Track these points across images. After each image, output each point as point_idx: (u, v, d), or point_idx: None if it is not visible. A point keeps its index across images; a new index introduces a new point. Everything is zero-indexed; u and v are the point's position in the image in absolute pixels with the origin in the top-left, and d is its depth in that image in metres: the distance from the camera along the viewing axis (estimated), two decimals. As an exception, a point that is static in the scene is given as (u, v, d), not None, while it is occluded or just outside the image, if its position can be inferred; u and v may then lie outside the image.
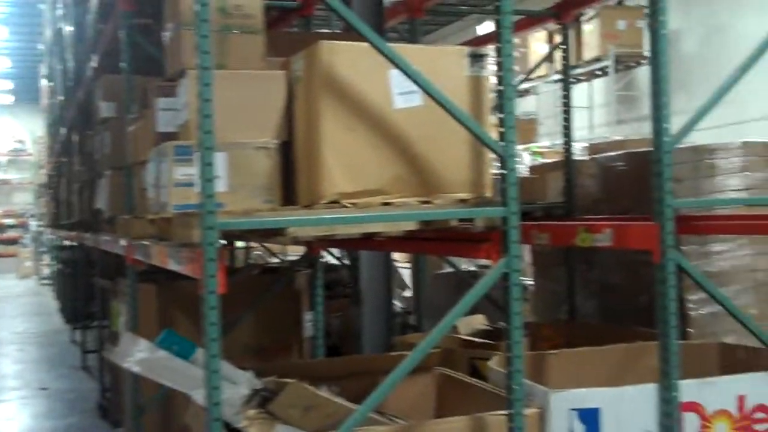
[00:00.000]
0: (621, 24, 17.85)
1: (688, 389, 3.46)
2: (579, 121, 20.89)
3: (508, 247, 3.27)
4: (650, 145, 3.57)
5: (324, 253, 7.75)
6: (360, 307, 5.58)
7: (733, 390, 3.55)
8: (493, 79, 3.44)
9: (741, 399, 3.53)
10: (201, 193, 3.00)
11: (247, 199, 3.43)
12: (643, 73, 19.10)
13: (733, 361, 4.22)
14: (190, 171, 3.42)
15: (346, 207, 3.27)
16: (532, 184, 6.63)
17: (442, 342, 4.67)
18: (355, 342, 5.85)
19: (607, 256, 5.76)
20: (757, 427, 3.54)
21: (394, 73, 3.31)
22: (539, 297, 6.82)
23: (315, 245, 5.01)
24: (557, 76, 19.54)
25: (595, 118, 19.85)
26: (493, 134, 3.42)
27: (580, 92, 20.53)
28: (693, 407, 3.47)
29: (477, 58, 3.46)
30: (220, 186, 3.33)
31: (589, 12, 17.57)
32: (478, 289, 3.25)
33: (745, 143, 5.36)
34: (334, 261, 7.81)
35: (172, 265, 3.66)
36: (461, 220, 3.44)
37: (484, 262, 6.27)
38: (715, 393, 3.52)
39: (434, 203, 3.38)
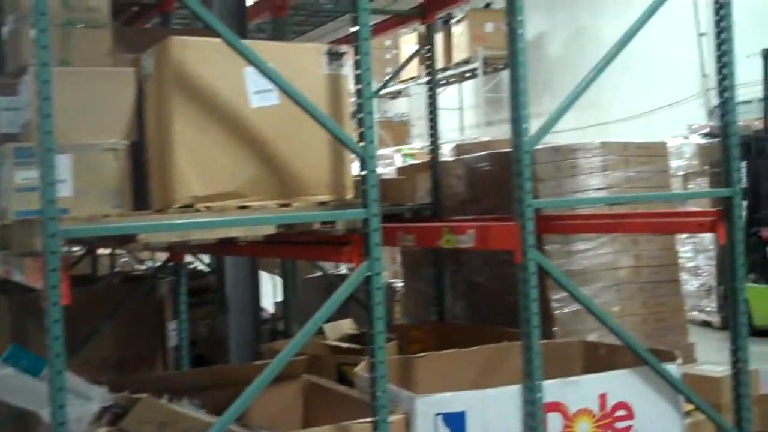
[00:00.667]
0: (489, 26, 18.14)
1: (552, 389, 3.46)
2: (450, 123, 21.24)
3: (369, 250, 3.19)
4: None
5: (195, 259, 7.55)
6: (226, 314, 5.40)
7: (595, 389, 3.57)
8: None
9: (603, 397, 3.56)
10: (42, 199, 2.80)
11: (95, 203, 3.23)
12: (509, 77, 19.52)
13: (596, 359, 4.27)
14: (31, 174, 3.20)
15: (201, 211, 3.12)
16: (401, 186, 6.59)
17: (310, 348, 4.56)
18: (223, 351, 5.67)
19: (474, 256, 5.77)
20: (619, 424, 3.57)
21: (250, 71, 3.18)
22: (410, 298, 6.79)
23: (177, 251, 4.82)
24: (428, 78, 19.75)
25: (465, 119, 20.13)
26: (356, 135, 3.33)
27: (451, 94, 20.83)
28: (556, 407, 3.47)
29: (335, 57, 3.37)
30: (65, 190, 3.14)
31: (458, 14, 17.82)
32: (338, 295, 3.16)
33: (604, 143, 5.46)
34: (203, 266, 7.58)
35: (16, 276, 3.42)
36: (324, 223, 3.34)
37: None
38: (578, 392, 3.53)
39: (293, 206, 3.27)
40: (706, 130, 9.83)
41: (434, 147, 5.98)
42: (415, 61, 20.76)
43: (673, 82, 16.04)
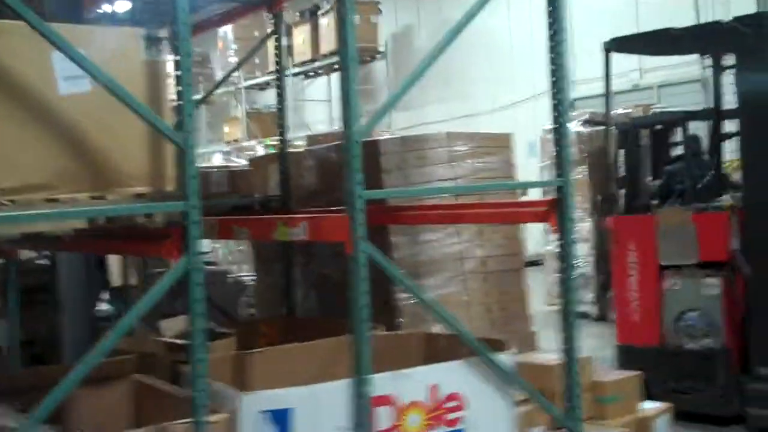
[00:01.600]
0: (356, 18, 18.08)
1: (382, 382, 3.41)
2: (320, 114, 21.10)
3: (189, 244, 3.06)
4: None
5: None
6: (60, 312, 5.15)
7: (426, 380, 3.54)
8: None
9: (434, 388, 3.53)
10: None
11: None
12: (379, 68, 19.56)
13: (436, 350, 4.25)
14: None
15: (4, 204, 2.92)
16: (251, 177, 6.46)
17: (144, 346, 4.39)
18: (60, 351, 5.41)
19: (324, 248, 5.70)
20: (450, 415, 3.56)
21: (57, 56, 2.99)
22: (261, 292, 6.67)
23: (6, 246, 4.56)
24: (296, 69, 19.60)
25: (335, 111, 19.99)
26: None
27: (321, 85, 20.74)
28: (386, 400, 3.42)
29: (154, 41, 3.22)
30: None
31: (326, 6, 17.70)
32: (155, 291, 3.02)
33: (450, 134, 5.48)
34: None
35: None
36: (147, 216, 3.19)
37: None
38: (409, 384, 3.50)
39: (108, 198, 3.10)
40: (585, 117, 9.82)
41: (282, 139, 5.87)
42: (286, 52, 20.46)
43: (536, 75, 16.41)
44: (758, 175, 5.09)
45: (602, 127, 8.77)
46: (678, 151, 6.10)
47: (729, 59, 5.61)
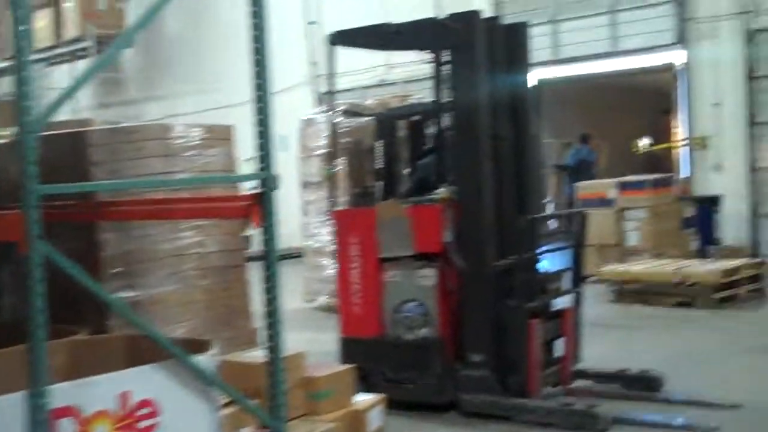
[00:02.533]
0: (102, 3, 17.33)
1: (64, 393, 3.16)
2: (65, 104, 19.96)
3: None
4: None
5: None
6: None
7: (115, 387, 3.32)
8: None
9: (125, 396, 3.32)
10: None
11: None
12: (127, 56, 18.79)
13: (139, 353, 4.03)
14: None
15: None
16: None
17: None
18: None
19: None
20: (142, 423, 3.36)
21: None
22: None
23: None
24: (35, 56, 18.45)
25: (82, 100, 18.94)
26: None
27: (64, 73, 19.64)
28: (69, 411, 3.17)
29: None
30: None
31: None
32: None
33: (166, 126, 5.25)
34: None
35: None
36: None
37: None
38: (95, 393, 3.26)
39: None
40: (344, 107, 9.48)
41: (-17, 128, 5.39)
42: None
43: (286, 69, 16.37)
44: (468, 169, 5.25)
45: (361, 118, 8.81)
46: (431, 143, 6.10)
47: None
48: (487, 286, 5.21)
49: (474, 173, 5.24)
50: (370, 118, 7.52)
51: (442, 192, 5.37)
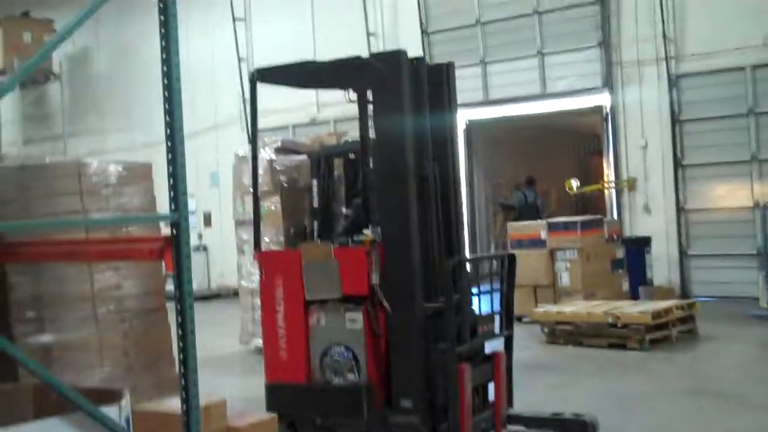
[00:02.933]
0: (27, 36, 16.93)
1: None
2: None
3: None
4: None
5: None
6: None
7: (15, 442, 3.08)
8: None
9: (25, 451, 3.08)
10: None
11: None
12: (54, 90, 18.36)
13: (48, 404, 3.78)
14: None
15: None
16: None
17: None
18: None
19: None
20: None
21: None
22: None
23: None
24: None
25: (4, 136, 18.46)
26: None
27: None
28: (-40, 471, 2.92)
29: None
30: None
31: (-10, 18, 16.44)
32: None
33: (81, 163, 5.02)
34: None
35: None
36: None
37: None
38: (-7, 448, 3.02)
39: None
40: (277, 145, 9.27)
41: None
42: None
43: (219, 105, 16.17)
44: (393, 210, 5.13)
45: (296, 156, 8.58)
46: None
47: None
48: (415, 330, 5.07)
49: (399, 214, 5.11)
50: (304, 155, 7.33)
51: (367, 233, 5.21)
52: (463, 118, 13.48)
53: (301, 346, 5.30)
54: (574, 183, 14.13)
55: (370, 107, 5.41)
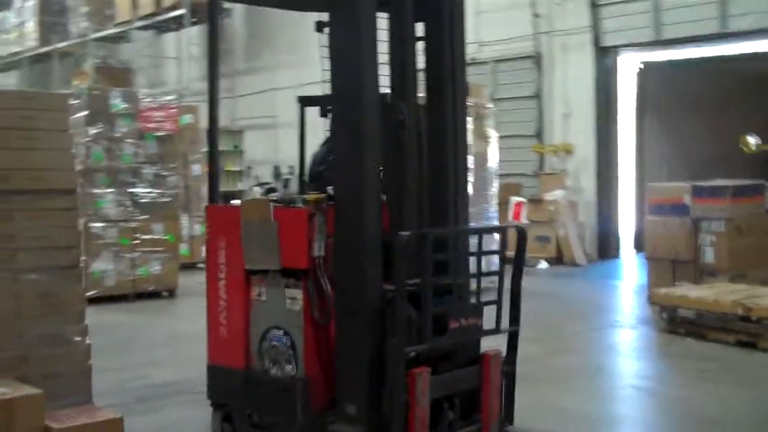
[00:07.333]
0: (200, -30, 16.76)
1: None
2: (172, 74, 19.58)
3: None
4: None
5: None
6: None
7: None
8: None
9: None
10: None
11: None
12: (230, 26, 18.28)
13: None
14: None
15: None
16: None
17: None
18: None
19: None
20: None
21: None
22: None
23: None
24: (141, 23, 18.19)
25: (192, 71, 18.41)
26: None
27: (173, 42, 19.35)
28: None
29: None
30: None
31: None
32: None
33: None
34: None
35: None
36: None
37: None
38: None
39: None
40: None
41: None
42: (129, 4, 18.98)
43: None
44: (343, 160, 3.98)
45: None
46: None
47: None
48: (364, 318, 3.96)
49: (350, 165, 3.97)
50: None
51: (313, 193, 4.13)
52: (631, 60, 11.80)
53: (240, 324, 4.36)
54: (752, 140, 11.83)
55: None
